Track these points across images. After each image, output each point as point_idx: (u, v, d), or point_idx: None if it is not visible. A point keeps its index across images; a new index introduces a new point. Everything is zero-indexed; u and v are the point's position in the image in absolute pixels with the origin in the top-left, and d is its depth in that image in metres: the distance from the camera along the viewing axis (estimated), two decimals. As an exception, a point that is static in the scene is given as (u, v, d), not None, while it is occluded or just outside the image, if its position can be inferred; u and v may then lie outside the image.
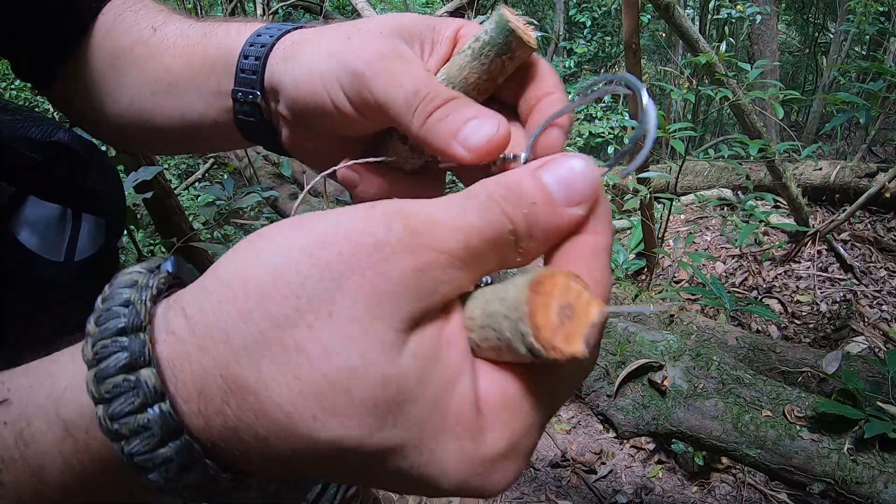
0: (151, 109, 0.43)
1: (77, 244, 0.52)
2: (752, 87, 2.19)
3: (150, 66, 0.42)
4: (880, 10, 3.57)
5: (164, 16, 0.45)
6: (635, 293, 1.11)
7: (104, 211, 0.56)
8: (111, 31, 0.46)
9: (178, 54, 0.41)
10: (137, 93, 0.43)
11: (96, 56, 0.46)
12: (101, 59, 0.45)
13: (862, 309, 2.16)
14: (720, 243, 2.79)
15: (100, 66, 0.45)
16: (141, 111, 0.43)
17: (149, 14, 0.45)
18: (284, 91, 0.34)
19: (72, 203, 0.51)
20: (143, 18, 0.45)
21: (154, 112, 0.43)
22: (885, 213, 2.73)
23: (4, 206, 0.47)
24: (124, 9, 0.47)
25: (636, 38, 1.69)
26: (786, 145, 1.89)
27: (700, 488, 1.48)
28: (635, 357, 0.73)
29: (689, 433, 0.67)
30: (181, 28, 0.43)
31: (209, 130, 0.42)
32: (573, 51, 4.85)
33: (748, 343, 0.91)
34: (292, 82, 0.33)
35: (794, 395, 0.66)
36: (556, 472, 1.62)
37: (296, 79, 0.33)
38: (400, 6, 6.95)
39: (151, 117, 0.43)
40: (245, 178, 2.26)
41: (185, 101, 0.41)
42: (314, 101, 0.32)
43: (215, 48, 0.39)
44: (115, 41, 0.45)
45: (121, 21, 0.46)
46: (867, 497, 0.56)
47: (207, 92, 0.40)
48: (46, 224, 0.50)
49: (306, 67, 0.33)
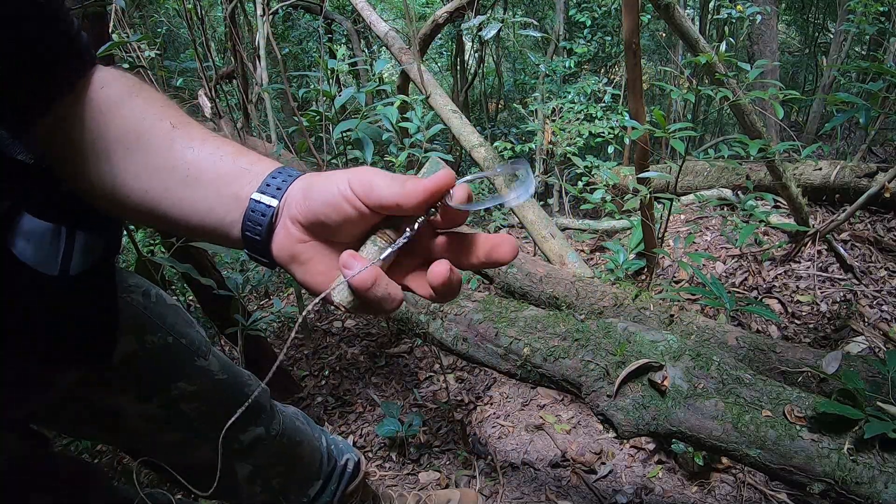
0: (160, 193, 0.48)
1: (71, 259, 0.52)
2: (752, 87, 2.19)
3: (171, 157, 0.48)
4: (880, 10, 3.57)
5: (177, 114, 0.51)
6: (635, 293, 1.11)
7: (99, 226, 0.56)
8: (118, 109, 0.49)
9: (204, 157, 0.48)
10: (147, 174, 0.48)
11: (95, 123, 0.48)
12: (104, 130, 0.49)
13: (862, 309, 2.16)
14: (720, 243, 2.79)
15: (103, 137, 0.48)
16: (147, 191, 0.48)
17: (161, 108, 0.51)
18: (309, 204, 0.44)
19: (66, 220, 0.52)
20: (156, 111, 0.50)
21: (162, 196, 0.48)
22: (885, 213, 2.73)
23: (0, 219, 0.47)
24: (129, 90, 0.51)
25: (636, 38, 1.69)
26: (786, 145, 1.88)
27: (700, 488, 1.48)
28: (635, 357, 0.72)
29: (689, 433, 0.66)
30: (204, 135, 0.50)
31: (209, 225, 0.48)
32: (573, 51, 4.85)
33: (748, 343, 0.91)
34: (320, 197, 0.44)
35: (794, 395, 0.66)
36: (556, 472, 1.62)
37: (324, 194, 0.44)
38: (399, 6, 6.95)
39: (157, 199, 0.48)
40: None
41: (200, 194, 0.47)
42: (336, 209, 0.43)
43: (249, 162, 0.48)
44: (125, 122, 0.49)
45: (130, 104, 0.50)
46: (867, 497, 0.56)
47: (227, 194, 0.47)
48: (41, 238, 0.50)
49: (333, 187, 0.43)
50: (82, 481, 0.81)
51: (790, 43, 8.31)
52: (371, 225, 0.44)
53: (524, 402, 1.95)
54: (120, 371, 0.76)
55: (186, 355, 0.85)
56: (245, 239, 0.46)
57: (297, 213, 0.44)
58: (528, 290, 1.35)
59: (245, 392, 0.95)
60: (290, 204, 0.45)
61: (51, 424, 0.81)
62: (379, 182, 0.42)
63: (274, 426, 0.99)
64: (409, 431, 1.76)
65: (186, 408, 0.85)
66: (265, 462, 0.98)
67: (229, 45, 2.89)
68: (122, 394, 0.78)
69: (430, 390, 2.13)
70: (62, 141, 0.49)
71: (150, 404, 0.81)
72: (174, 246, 1.45)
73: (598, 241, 3.32)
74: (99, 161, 0.48)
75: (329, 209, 0.43)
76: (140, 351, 0.77)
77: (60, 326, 0.55)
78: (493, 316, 0.92)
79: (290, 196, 0.45)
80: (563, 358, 0.79)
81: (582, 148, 3.68)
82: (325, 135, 1.81)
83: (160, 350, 0.80)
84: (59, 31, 0.47)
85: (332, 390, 2.22)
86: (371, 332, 2.63)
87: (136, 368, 0.78)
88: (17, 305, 0.50)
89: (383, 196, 0.41)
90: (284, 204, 0.45)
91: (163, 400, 0.82)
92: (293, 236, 0.45)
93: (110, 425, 0.81)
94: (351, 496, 1.15)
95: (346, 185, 0.42)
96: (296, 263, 0.46)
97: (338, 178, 0.43)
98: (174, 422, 0.85)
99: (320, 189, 0.43)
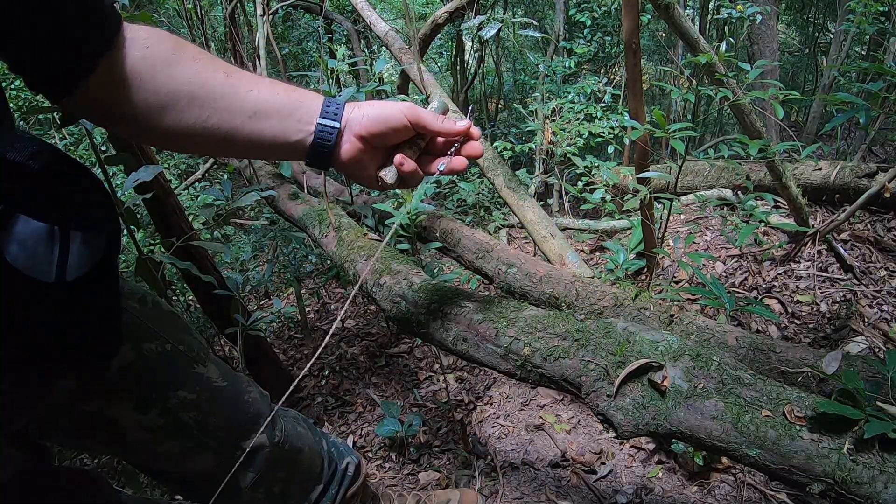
0: (232, 130, 0.61)
1: (67, 263, 0.51)
2: (752, 87, 2.18)
3: (235, 100, 0.61)
4: (880, 10, 3.57)
5: (224, 64, 0.63)
6: (635, 293, 1.10)
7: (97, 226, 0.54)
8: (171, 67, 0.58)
9: (265, 97, 0.62)
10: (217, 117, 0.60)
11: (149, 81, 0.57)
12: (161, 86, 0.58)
13: (862, 309, 2.16)
14: (720, 243, 2.79)
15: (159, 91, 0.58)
16: (219, 128, 0.61)
17: (209, 60, 0.62)
18: (367, 119, 0.65)
19: (62, 220, 0.50)
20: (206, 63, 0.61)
21: (236, 132, 0.62)
22: (885, 213, 2.73)
23: None
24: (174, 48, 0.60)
25: (636, 38, 1.69)
26: (786, 145, 1.88)
27: (700, 488, 1.48)
28: (635, 357, 0.72)
29: (689, 433, 0.66)
30: (254, 77, 0.63)
31: (279, 146, 0.64)
32: (573, 51, 4.84)
33: (748, 343, 0.91)
34: (376, 114, 0.65)
35: (794, 395, 0.66)
36: (556, 472, 1.62)
37: (380, 111, 0.65)
38: (399, 6, 6.95)
39: (230, 135, 0.61)
40: (245, 178, 2.26)
41: (268, 125, 0.62)
42: (392, 122, 0.65)
43: (299, 95, 0.65)
44: (183, 76, 0.59)
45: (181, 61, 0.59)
46: (867, 497, 0.56)
47: (292, 121, 0.63)
48: (35, 242, 0.48)
49: (400, 115, 0.65)
50: (86, 493, 0.80)
51: (790, 43, 8.30)
52: (407, 139, 0.67)
53: (524, 402, 1.95)
54: (117, 380, 0.74)
55: (185, 362, 0.83)
56: (314, 151, 0.65)
57: (359, 130, 0.65)
58: (528, 290, 1.35)
59: (245, 399, 0.93)
60: (351, 125, 0.65)
61: (46, 436, 0.78)
62: (426, 116, 0.66)
63: (276, 433, 0.98)
64: (408, 431, 1.76)
65: (186, 417, 0.83)
66: (267, 469, 0.96)
67: (229, 45, 2.89)
68: (119, 404, 0.76)
69: (430, 390, 2.13)
70: (112, 99, 0.56)
71: (149, 414, 0.79)
72: (174, 245, 1.45)
73: (598, 241, 3.32)
74: (163, 112, 0.58)
75: (391, 129, 0.65)
76: (137, 360, 0.76)
77: (60, 331, 0.54)
78: (492, 316, 0.92)
79: (350, 120, 0.65)
80: (563, 358, 0.79)
81: (582, 148, 3.68)
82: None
83: (158, 358, 0.79)
84: None
85: (331, 390, 2.22)
86: (371, 331, 2.63)
87: (134, 378, 0.76)
88: (14, 313, 0.48)
89: (433, 127, 0.66)
90: (346, 124, 0.65)
91: (162, 409, 0.80)
92: (355, 146, 0.65)
93: (108, 437, 0.79)
94: (351, 499, 1.15)
95: (405, 118, 0.65)
96: (353, 165, 0.67)
97: (396, 108, 0.65)
98: (174, 431, 0.83)
99: (387, 116, 0.64)
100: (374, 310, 2.76)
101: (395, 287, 1.12)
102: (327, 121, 0.64)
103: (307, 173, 2.28)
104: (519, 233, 3.67)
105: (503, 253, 1.50)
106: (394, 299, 1.11)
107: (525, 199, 1.75)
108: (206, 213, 1.57)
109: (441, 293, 1.03)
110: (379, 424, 1.78)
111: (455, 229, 1.72)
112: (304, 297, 2.44)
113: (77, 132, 4.43)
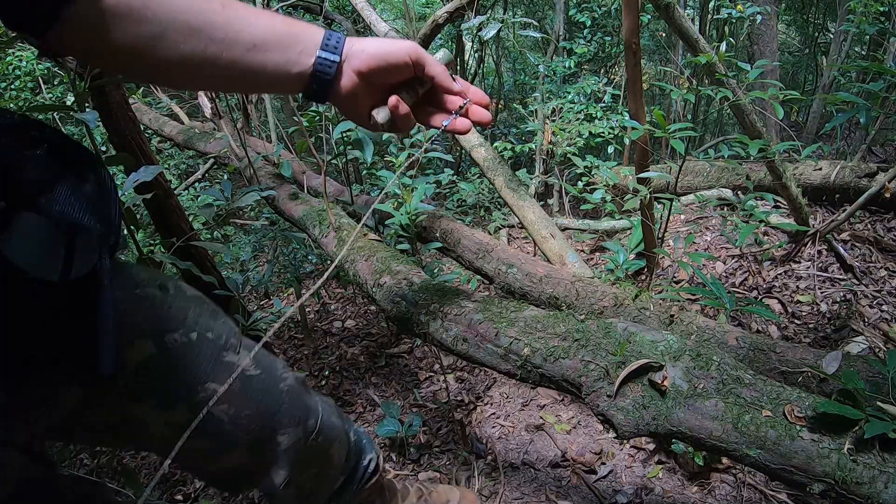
0: (229, 62, 0.59)
1: (73, 262, 0.49)
2: (752, 87, 2.19)
3: (230, 32, 0.59)
4: (880, 10, 3.57)
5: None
6: (635, 293, 1.10)
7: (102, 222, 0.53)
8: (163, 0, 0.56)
9: (263, 29, 0.61)
10: (214, 49, 0.58)
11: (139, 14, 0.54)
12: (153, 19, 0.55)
13: (862, 309, 2.16)
14: (720, 243, 2.79)
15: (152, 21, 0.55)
16: (216, 61, 0.59)
17: None
18: (366, 54, 0.64)
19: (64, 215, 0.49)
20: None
21: (233, 64, 0.60)
22: (885, 213, 2.73)
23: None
24: None
25: (636, 38, 1.69)
26: (786, 145, 1.88)
27: (700, 488, 1.48)
28: (635, 357, 0.72)
29: (689, 433, 0.66)
30: (251, 9, 0.61)
31: (278, 79, 0.63)
32: (573, 51, 4.84)
33: (748, 343, 0.91)
34: (376, 50, 0.65)
35: (794, 395, 0.66)
36: (556, 472, 1.62)
37: (381, 46, 0.65)
38: (399, 6, 6.95)
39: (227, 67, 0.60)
40: (245, 178, 2.26)
41: (268, 57, 0.61)
42: (393, 58, 0.65)
43: (300, 28, 0.63)
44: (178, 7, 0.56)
45: None
46: (867, 497, 0.56)
47: (292, 53, 0.62)
48: (39, 241, 0.47)
49: (404, 55, 0.66)
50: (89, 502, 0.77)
51: (790, 43, 8.31)
52: (405, 80, 0.68)
53: (524, 403, 1.95)
54: (136, 378, 0.68)
55: (214, 351, 0.75)
56: (313, 83, 0.64)
57: (359, 65, 0.64)
58: (528, 291, 1.35)
59: (280, 388, 0.85)
60: (351, 59, 0.64)
61: (65, 439, 0.74)
62: (429, 58, 0.68)
63: (310, 424, 0.90)
64: (409, 431, 1.76)
65: (216, 411, 0.75)
66: (300, 466, 0.89)
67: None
68: (140, 403, 0.70)
69: (430, 390, 2.13)
70: (101, 29, 0.53)
71: (175, 411, 0.72)
72: (174, 246, 1.45)
73: (598, 241, 3.32)
74: (156, 42, 0.55)
75: (391, 66, 0.65)
76: (159, 353, 0.69)
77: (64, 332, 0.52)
78: (493, 316, 0.92)
79: (350, 54, 0.64)
80: (563, 358, 0.79)
81: (582, 148, 3.68)
82: (324, 135, 1.81)
83: (183, 349, 0.72)
84: None
85: (332, 390, 2.22)
86: (371, 332, 2.63)
87: (155, 373, 0.70)
88: (17, 314, 0.47)
89: (434, 69, 0.68)
90: (346, 58, 0.64)
91: (189, 405, 0.73)
92: (353, 81, 0.65)
93: (131, 435, 0.73)
94: (369, 493, 1.13)
95: (407, 56, 0.65)
96: (349, 101, 0.66)
97: (399, 45, 0.65)
98: (203, 427, 0.73)
99: (388, 52, 0.64)
100: (374, 310, 2.76)
101: (396, 287, 1.12)
102: (327, 53, 0.63)
103: (307, 174, 2.28)
104: (519, 233, 3.67)
105: (503, 253, 1.50)
106: (394, 299, 1.11)
107: (525, 200, 1.75)
108: (206, 213, 1.57)
109: (441, 293, 1.03)
110: (379, 424, 1.78)
111: (455, 229, 1.73)
112: (302, 294, 2.44)
113: (77, 132, 4.43)
